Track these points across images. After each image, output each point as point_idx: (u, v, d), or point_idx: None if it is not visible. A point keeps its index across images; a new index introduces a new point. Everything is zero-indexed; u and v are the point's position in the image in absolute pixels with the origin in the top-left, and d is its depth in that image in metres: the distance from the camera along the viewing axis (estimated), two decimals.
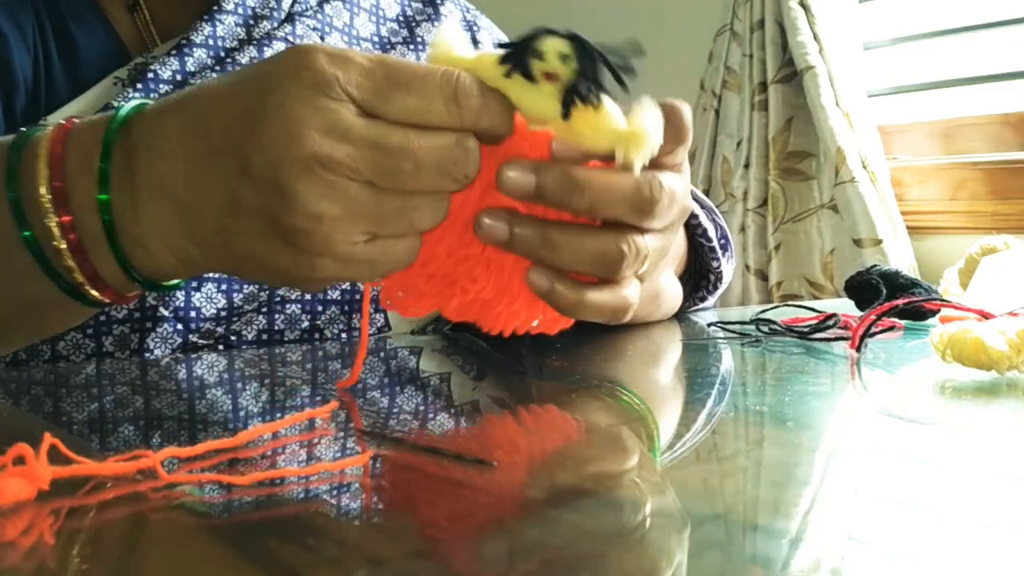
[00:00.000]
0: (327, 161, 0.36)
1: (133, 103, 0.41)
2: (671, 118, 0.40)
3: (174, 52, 0.60)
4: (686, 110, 0.41)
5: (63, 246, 0.39)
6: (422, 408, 0.42)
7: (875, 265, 0.66)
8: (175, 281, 0.44)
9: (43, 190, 0.39)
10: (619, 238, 0.39)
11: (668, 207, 0.40)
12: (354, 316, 0.62)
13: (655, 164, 0.39)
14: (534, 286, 0.40)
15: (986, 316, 0.51)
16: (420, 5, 0.76)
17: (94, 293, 0.41)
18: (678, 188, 0.41)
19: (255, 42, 0.63)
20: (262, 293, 0.60)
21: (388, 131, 0.37)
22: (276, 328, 0.60)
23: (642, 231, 0.40)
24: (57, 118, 0.57)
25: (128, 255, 0.40)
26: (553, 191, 0.38)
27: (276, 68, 0.37)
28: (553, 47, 0.37)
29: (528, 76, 0.37)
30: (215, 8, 0.63)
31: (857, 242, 1.44)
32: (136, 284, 0.42)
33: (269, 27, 0.64)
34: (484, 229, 0.39)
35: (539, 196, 0.38)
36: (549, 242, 0.39)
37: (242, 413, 0.41)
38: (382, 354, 0.54)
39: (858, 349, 0.51)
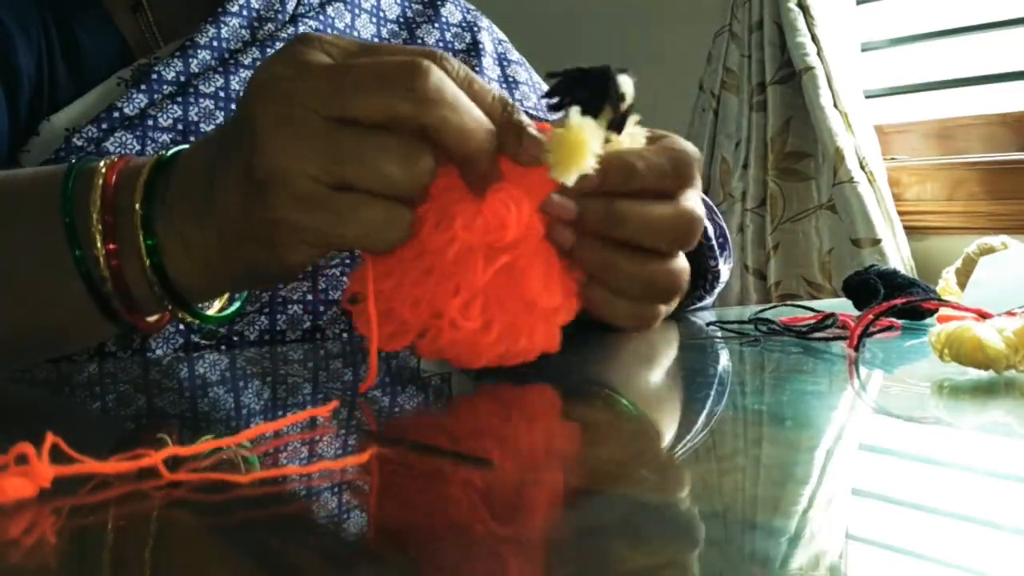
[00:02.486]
0: (285, 88, 0.38)
1: (178, 148, 0.44)
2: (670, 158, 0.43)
3: (178, 53, 0.60)
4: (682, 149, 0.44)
5: (105, 271, 0.42)
6: (422, 407, 0.43)
7: (873, 265, 0.66)
8: (222, 314, 0.48)
9: (95, 221, 0.42)
10: (671, 266, 0.43)
11: (699, 234, 0.43)
12: None
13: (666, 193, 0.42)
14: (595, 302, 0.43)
15: (984, 315, 0.51)
16: (420, 7, 0.76)
17: (127, 316, 0.44)
18: (702, 210, 0.44)
19: (258, 43, 0.63)
20: (264, 294, 0.60)
21: (348, 63, 0.38)
22: (278, 329, 0.60)
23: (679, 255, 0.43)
24: (61, 118, 0.58)
25: (172, 284, 0.43)
26: (594, 220, 0.40)
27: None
28: (629, 86, 0.41)
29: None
30: (220, 10, 0.63)
31: (855, 242, 1.44)
32: (175, 312, 0.45)
33: (273, 28, 0.65)
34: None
35: (581, 224, 0.40)
36: (609, 263, 0.41)
37: (244, 412, 0.41)
38: (382, 354, 0.54)
39: (856, 348, 0.51)
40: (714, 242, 0.66)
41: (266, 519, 0.27)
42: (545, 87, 0.79)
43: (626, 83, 0.41)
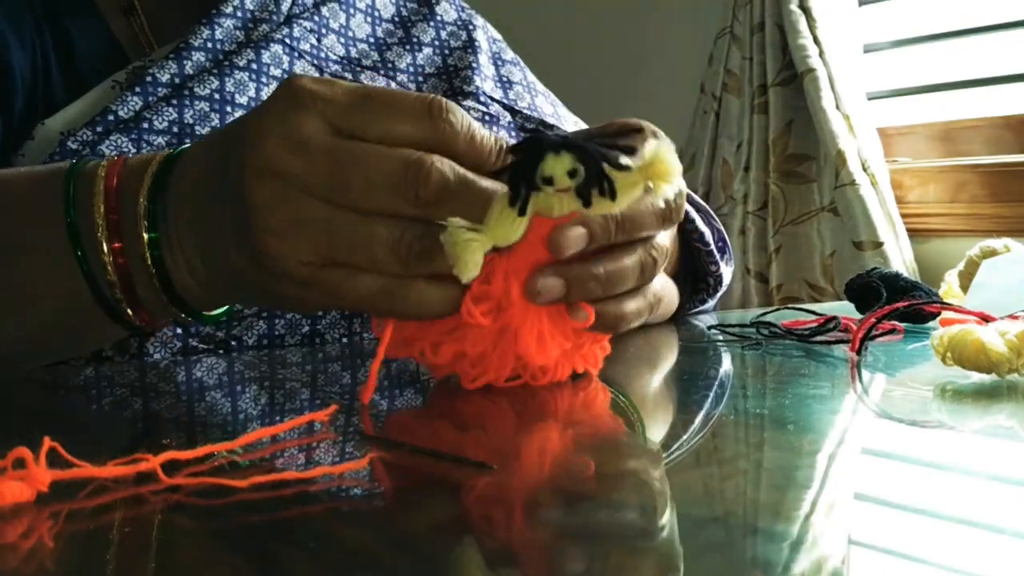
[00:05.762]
0: (280, 171, 0.37)
1: (183, 147, 0.45)
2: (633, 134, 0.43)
3: (172, 55, 0.60)
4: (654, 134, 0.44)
5: (111, 269, 0.43)
6: (422, 411, 0.43)
7: (875, 268, 0.66)
8: (215, 312, 0.48)
9: (99, 220, 0.43)
10: (646, 247, 0.41)
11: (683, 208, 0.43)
12: (355, 321, 0.62)
13: None
14: (578, 322, 0.41)
15: (986, 319, 0.51)
16: (415, 5, 0.76)
17: (130, 314, 0.45)
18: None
19: (253, 44, 0.63)
20: None
21: (346, 144, 0.38)
22: (276, 333, 0.60)
23: (656, 234, 0.42)
24: (55, 121, 0.58)
25: (172, 283, 0.44)
26: (601, 235, 0.39)
27: (273, 91, 0.39)
28: (560, 168, 0.37)
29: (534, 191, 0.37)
30: (214, 11, 0.63)
31: (857, 245, 1.44)
32: (172, 311, 0.45)
33: (267, 29, 0.64)
34: (542, 295, 0.39)
35: (590, 243, 0.39)
36: (598, 276, 0.40)
37: (241, 416, 0.41)
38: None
39: (858, 352, 0.51)
40: (713, 247, 0.66)
41: (265, 524, 0.27)
42: (539, 87, 0.79)
43: (553, 165, 0.36)
